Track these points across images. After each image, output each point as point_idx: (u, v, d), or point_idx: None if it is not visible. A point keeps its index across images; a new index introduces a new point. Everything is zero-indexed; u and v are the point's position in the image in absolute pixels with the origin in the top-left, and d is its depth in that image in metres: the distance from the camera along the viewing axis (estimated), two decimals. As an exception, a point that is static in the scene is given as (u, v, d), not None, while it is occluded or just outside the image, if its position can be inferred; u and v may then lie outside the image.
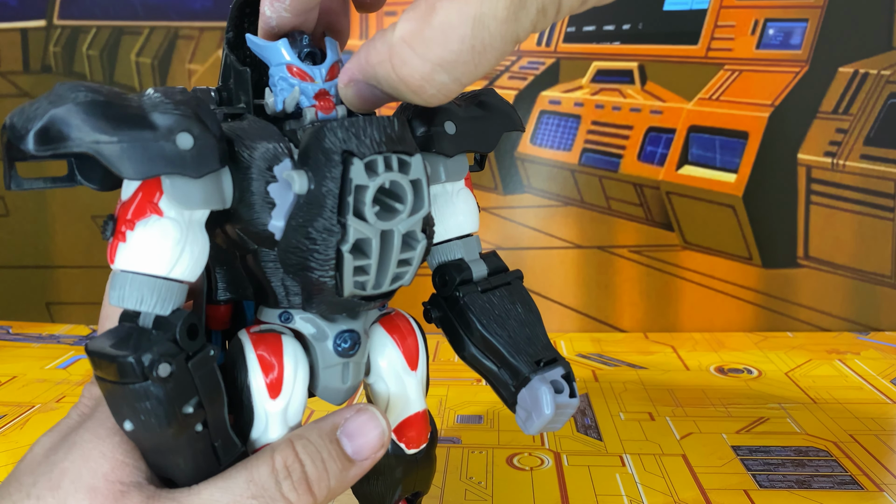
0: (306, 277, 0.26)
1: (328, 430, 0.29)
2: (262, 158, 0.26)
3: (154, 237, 0.25)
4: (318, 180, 0.25)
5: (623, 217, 0.83)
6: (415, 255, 0.27)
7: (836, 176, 0.80)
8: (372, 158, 0.25)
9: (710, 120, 0.80)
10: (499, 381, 0.31)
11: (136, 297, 0.25)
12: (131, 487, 0.26)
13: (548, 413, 0.29)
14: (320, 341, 0.29)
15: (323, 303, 0.28)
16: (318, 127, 0.26)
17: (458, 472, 0.51)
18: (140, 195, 0.25)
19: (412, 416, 0.32)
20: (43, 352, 0.79)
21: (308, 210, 0.25)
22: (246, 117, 0.29)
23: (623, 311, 0.84)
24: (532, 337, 0.31)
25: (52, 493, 0.26)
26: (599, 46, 0.82)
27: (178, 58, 0.85)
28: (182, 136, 0.24)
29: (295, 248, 0.26)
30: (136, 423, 0.25)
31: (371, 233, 0.25)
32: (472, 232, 0.33)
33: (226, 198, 0.26)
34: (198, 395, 0.26)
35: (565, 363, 0.31)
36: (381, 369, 0.31)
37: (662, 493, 0.48)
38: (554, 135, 0.83)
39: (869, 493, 0.48)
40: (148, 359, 0.24)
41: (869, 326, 0.82)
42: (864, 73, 0.78)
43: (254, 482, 0.27)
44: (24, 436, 0.58)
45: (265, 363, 0.28)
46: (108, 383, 0.25)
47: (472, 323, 0.31)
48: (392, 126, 0.26)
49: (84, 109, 0.22)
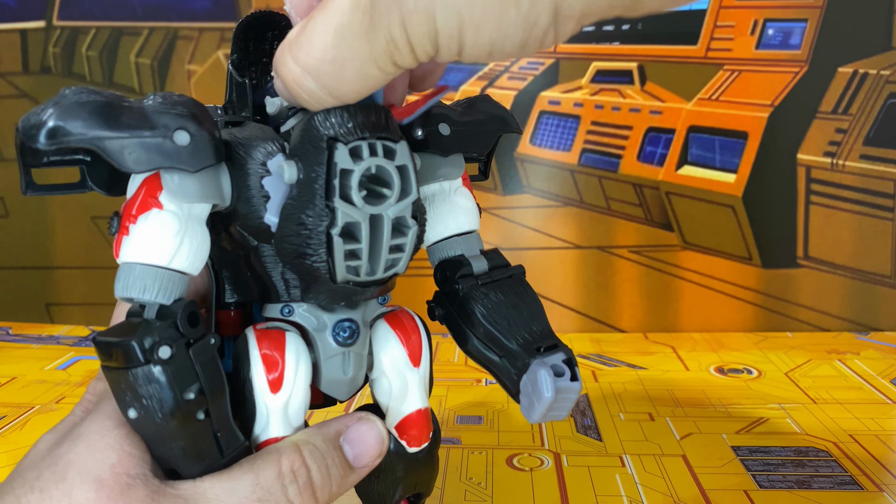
0: (302, 265, 0.27)
1: (332, 436, 0.29)
2: (257, 155, 0.28)
3: (155, 228, 0.26)
4: (307, 169, 0.26)
5: (623, 217, 0.83)
6: (407, 241, 0.28)
7: (835, 176, 0.80)
8: (356, 144, 0.26)
9: (709, 120, 0.80)
10: (502, 372, 0.31)
11: (139, 287, 0.26)
12: (137, 480, 0.26)
13: (548, 396, 0.29)
14: (320, 332, 0.30)
15: (321, 292, 0.29)
16: (305, 119, 0.27)
17: (458, 473, 0.51)
18: (143, 192, 0.26)
19: (414, 413, 0.32)
20: (42, 353, 0.79)
21: (299, 198, 0.26)
22: (245, 123, 0.30)
23: (623, 311, 0.84)
24: (532, 325, 0.32)
25: (57, 484, 0.25)
26: (599, 47, 0.82)
27: (177, 58, 0.85)
28: (179, 133, 0.25)
29: (290, 236, 0.27)
30: (139, 410, 0.26)
31: (359, 216, 0.26)
32: (471, 229, 0.34)
33: (224, 195, 0.28)
34: (199, 382, 0.26)
35: (567, 349, 0.31)
36: (384, 365, 0.32)
37: (662, 493, 0.48)
38: (553, 135, 0.83)
39: (869, 493, 0.48)
40: (149, 341, 0.25)
41: (869, 326, 0.82)
42: (864, 73, 0.79)
43: (260, 485, 0.27)
44: (23, 436, 0.58)
45: (267, 358, 0.29)
46: (112, 370, 0.26)
47: (472, 314, 0.31)
48: (376, 114, 0.27)
49: (88, 109, 0.24)
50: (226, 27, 0.84)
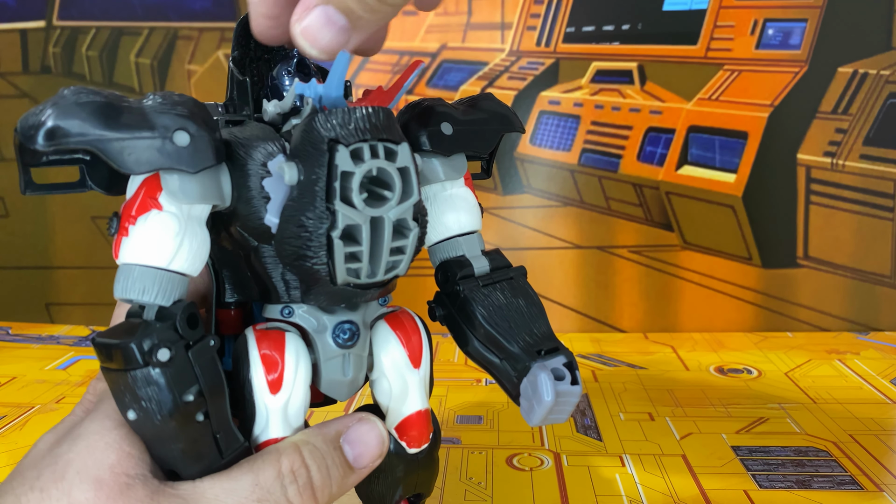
0: (302, 267, 0.27)
1: (332, 437, 0.29)
2: (258, 155, 0.28)
3: (154, 230, 0.26)
4: (307, 170, 0.26)
5: (622, 217, 0.83)
6: (408, 243, 0.28)
7: (835, 176, 0.80)
8: (357, 146, 0.26)
9: (709, 120, 0.80)
10: (502, 374, 0.31)
11: (138, 288, 0.26)
12: (136, 480, 0.26)
13: (547, 400, 0.29)
14: (320, 333, 0.30)
15: (321, 293, 0.29)
16: (306, 120, 0.27)
17: (458, 473, 0.51)
18: (142, 192, 0.26)
19: (413, 414, 0.32)
20: (42, 352, 0.79)
21: (300, 200, 0.26)
22: (246, 123, 0.30)
23: (623, 311, 0.84)
24: (533, 328, 0.31)
25: (57, 484, 0.25)
26: (599, 47, 0.82)
27: (177, 58, 0.85)
28: (179, 134, 0.25)
29: (290, 238, 0.27)
30: (138, 412, 0.25)
31: (360, 219, 0.26)
32: (473, 230, 0.34)
33: (224, 195, 0.28)
34: (198, 384, 0.26)
35: (567, 352, 0.31)
36: (384, 366, 0.31)
37: (662, 493, 0.48)
38: (553, 135, 0.83)
39: (869, 493, 0.48)
40: (148, 344, 0.25)
41: (868, 326, 0.82)
42: (864, 73, 0.79)
43: (259, 486, 0.27)
44: (23, 436, 0.58)
45: (267, 359, 0.28)
46: (111, 372, 0.26)
47: (473, 316, 0.31)
48: (377, 116, 0.27)
49: (87, 109, 0.24)
50: (226, 27, 0.84)
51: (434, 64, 0.83)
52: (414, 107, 0.32)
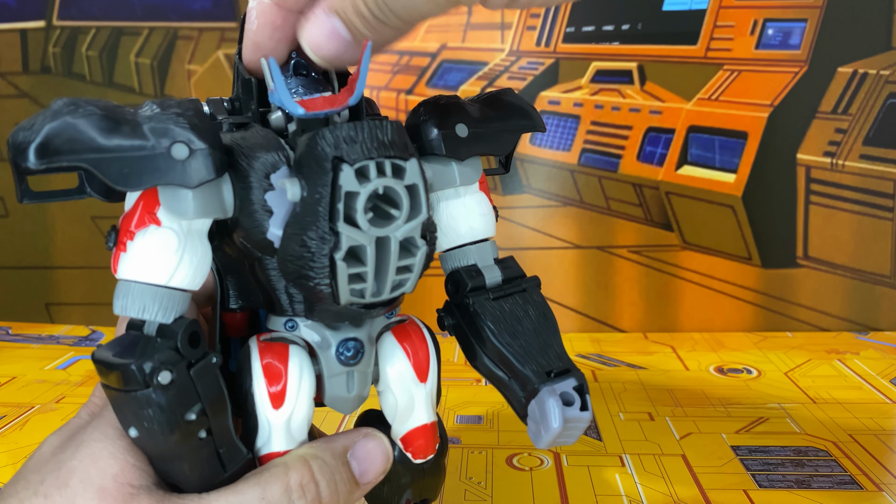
0: (305, 286, 0.26)
1: (340, 452, 0.29)
2: (261, 167, 0.26)
3: (153, 246, 0.25)
4: (310, 188, 0.25)
5: (622, 217, 0.83)
6: (415, 261, 0.26)
7: (835, 176, 0.80)
8: (363, 164, 0.25)
9: (709, 120, 0.80)
10: (510, 393, 0.30)
11: (138, 306, 0.25)
12: (141, 490, 0.26)
13: (555, 427, 0.28)
14: (324, 350, 0.29)
15: (324, 311, 0.28)
16: (311, 134, 0.25)
17: (458, 473, 0.51)
18: (140, 206, 0.25)
19: (419, 427, 0.31)
20: (42, 352, 0.79)
21: (302, 218, 0.25)
22: (251, 127, 0.29)
23: (622, 311, 0.84)
24: (545, 346, 0.30)
25: (60, 491, 0.25)
26: (598, 47, 0.82)
27: (177, 58, 0.85)
28: (177, 147, 0.24)
29: (292, 257, 0.26)
30: (140, 431, 0.25)
31: (365, 240, 0.25)
32: (486, 237, 0.32)
33: (226, 207, 0.26)
34: (200, 403, 0.26)
35: (579, 374, 0.30)
36: (389, 380, 0.31)
37: (662, 493, 0.48)
38: (553, 135, 0.83)
39: (868, 493, 0.48)
40: (149, 366, 0.24)
41: (868, 326, 0.82)
42: (864, 72, 0.79)
43: (266, 500, 0.26)
44: (23, 436, 0.58)
45: (270, 372, 0.28)
46: (112, 391, 0.25)
47: (482, 331, 0.30)
48: (384, 131, 0.25)
49: (80, 125, 0.23)
50: (226, 27, 0.84)
51: (434, 64, 0.83)
52: (426, 106, 0.30)
